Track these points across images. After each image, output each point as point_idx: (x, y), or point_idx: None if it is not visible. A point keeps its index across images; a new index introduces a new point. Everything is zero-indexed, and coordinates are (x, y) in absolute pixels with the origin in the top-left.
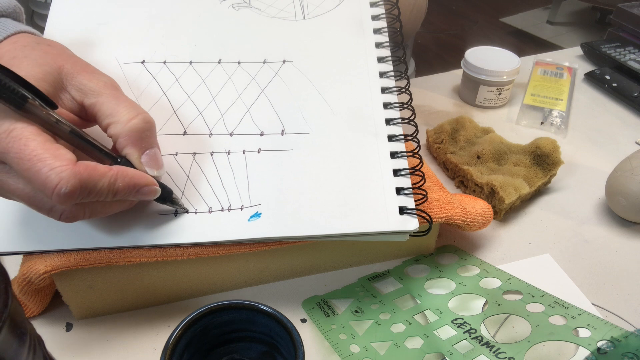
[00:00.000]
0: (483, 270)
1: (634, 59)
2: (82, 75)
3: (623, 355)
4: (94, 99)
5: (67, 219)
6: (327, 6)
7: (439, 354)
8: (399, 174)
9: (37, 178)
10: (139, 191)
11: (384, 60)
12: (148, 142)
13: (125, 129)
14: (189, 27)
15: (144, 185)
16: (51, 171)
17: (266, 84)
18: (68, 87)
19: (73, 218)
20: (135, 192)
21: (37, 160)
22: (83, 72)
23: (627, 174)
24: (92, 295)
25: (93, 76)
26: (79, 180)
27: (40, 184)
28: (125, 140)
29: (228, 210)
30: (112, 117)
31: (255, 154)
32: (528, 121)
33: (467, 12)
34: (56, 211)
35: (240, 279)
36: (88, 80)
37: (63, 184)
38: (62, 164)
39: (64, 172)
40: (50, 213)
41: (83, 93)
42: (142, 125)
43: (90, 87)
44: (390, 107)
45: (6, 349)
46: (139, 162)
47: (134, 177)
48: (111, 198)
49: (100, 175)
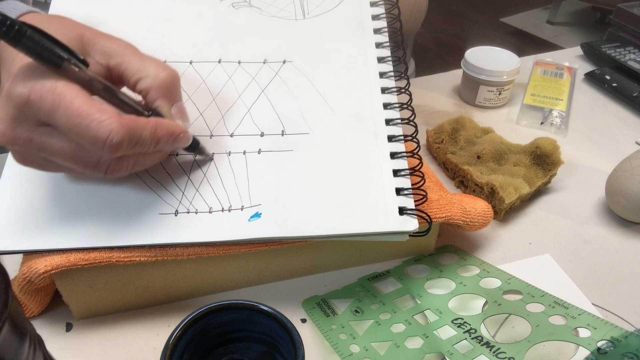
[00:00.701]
0: (483, 270)
1: (634, 59)
2: (103, 39)
3: (623, 355)
4: (119, 59)
5: (113, 172)
6: (327, 6)
7: (439, 354)
8: (399, 175)
9: (88, 132)
10: (175, 139)
11: (384, 60)
12: (176, 95)
13: (155, 83)
14: (189, 26)
15: (179, 133)
16: (101, 124)
17: (266, 84)
18: (91, 52)
19: (118, 170)
20: (173, 141)
21: (86, 115)
22: (103, 37)
23: (627, 174)
24: (92, 295)
25: (114, 39)
26: (127, 130)
27: (91, 137)
28: (156, 93)
29: (228, 211)
30: (140, 73)
31: (255, 154)
32: (528, 121)
33: (467, 12)
34: (102, 164)
35: (240, 279)
36: (110, 43)
37: (114, 135)
38: (109, 117)
39: (112, 124)
40: (97, 167)
41: (107, 55)
42: (171, 78)
43: (114, 49)
44: (390, 107)
45: (6, 349)
46: (169, 114)
47: (170, 125)
48: (153, 148)
49: (143, 125)
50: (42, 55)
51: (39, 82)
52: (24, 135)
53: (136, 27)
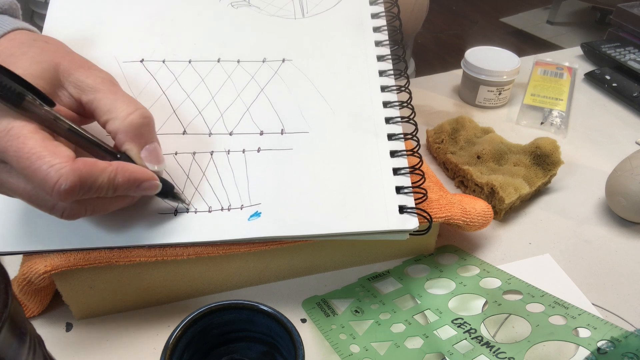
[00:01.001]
0: (483, 270)
1: (634, 59)
2: (79, 71)
3: (623, 355)
4: (92, 96)
5: (69, 217)
6: (326, 4)
7: (439, 354)
8: (399, 173)
9: (37, 176)
10: (139, 186)
11: (383, 58)
12: (147, 137)
13: (123, 125)
14: (188, 25)
15: (144, 180)
16: (50, 168)
17: (266, 82)
18: (65, 84)
19: (74, 215)
20: (136, 188)
21: (36, 158)
22: (80, 69)
23: (627, 174)
24: (92, 295)
25: (90, 72)
26: (78, 177)
27: (39, 181)
28: (124, 136)
29: (228, 210)
30: (110, 114)
31: (255, 153)
32: (528, 121)
33: (467, 12)
34: (58, 209)
35: (240, 279)
36: (85, 76)
37: (62, 181)
38: (61, 161)
39: (63, 168)
40: (52, 211)
41: (80, 90)
42: (141, 120)
43: (88, 84)
44: (390, 105)
45: (6, 349)
46: (138, 158)
47: (134, 172)
48: (112, 194)
49: (100, 171)
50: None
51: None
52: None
53: (135, 27)
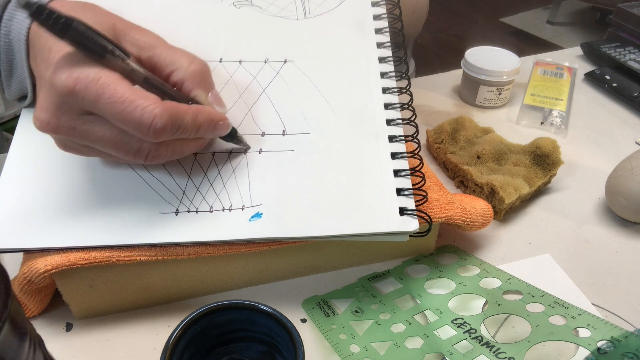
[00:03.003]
0: (483, 270)
1: (634, 59)
2: (134, 31)
3: (623, 355)
4: (151, 52)
5: (153, 158)
6: (328, 5)
7: (439, 354)
8: (400, 175)
9: (132, 118)
10: (215, 126)
11: (385, 60)
12: (210, 83)
13: (188, 73)
14: (190, 25)
15: (219, 120)
16: (144, 109)
17: (267, 83)
18: (123, 43)
19: (158, 157)
20: (213, 128)
21: (130, 102)
22: (134, 29)
23: (627, 174)
24: (92, 294)
25: (144, 32)
26: (169, 115)
27: (136, 123)
28: (191, 83)
29: (229, 210)
30: (173, 65)
31: (256, 154)
32: (528, 121)
33: (467, 12)
34: (143, 151)
35: (240, 279)
36: (140, 35)
37: (158, 120)
38: (152, 103)
39: (156, 109)
40: (137, 154)
41: (139, 47)
42: (203, 67)
43: (145, 41)
44: (391, 107)
45: (6, 349)
46: (207, 101)
47: (211, 112)
48: (194, 134)
49: (185, 111)
50: (87, 46)
51: (83, 72)
52: (68, 123)
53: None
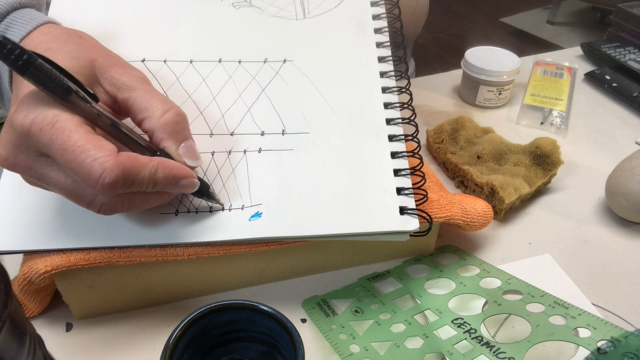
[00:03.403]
0: (483, 270)
1: (634, 59)
2: (115, 69)
3: (623, 355)
4: (127, 94)
5: (107, 212)
6: (327, 5)
7: (439, 354)
8: (400, 174)
9: (81, 169)
10: (177, 183)
11: (384, 60)
12: (183, 134)
13: (160, 122)
14: (190, 25)
15: (183, 177)
16: (95, 161)
17: (267, 83)
18: (101, 80)
19: (112, 210)
20: (175, 184)
21: (81, 151)
22: (115, 66)
23: (627, 174)
24: (92, 295)
25: (125, 70)
26: (121, 170)
27: (84, 174)
28: (162, 134)
29: (229, 210)
30: (146, 112)
31: (256, 153)
32: (528, 121)
33: (467, 12)
34: (96, 203)
35: (240, 279)
36: (120, 74)
37: (107, 174)
38: (104, 155)
39: (107, 162)
40: (90, 205)
41: (116, 87)
42: (177, 118)
43: (123, 82)
44: (391, 107)
45: (6, 349)
46: (177, 154)
47: (174, 168)
48: (152, 189)
49: (142, 166)
50: (48, 87)
51: (41, 114)
52: (25, 163)
53: (137, 27)
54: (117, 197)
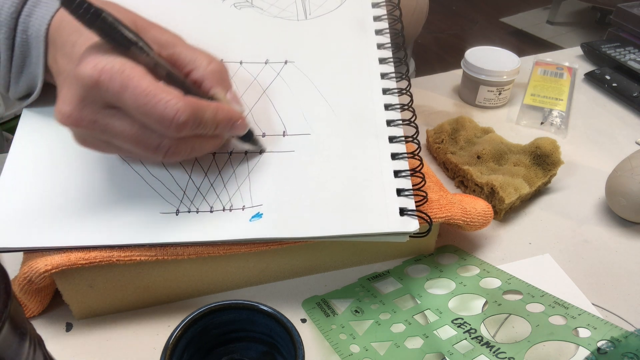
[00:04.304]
0: (483, 270)
1: (634, 59)
2: (155, 29)
3: (623, 355)
4: (172, 50)
5: (173, 155)
6: (329, 6)
7: (439, 354)
8: (400, 175)
9: (155, 110)
10: (233, 125)
11: (385, 61)
12: (228, 82)
13: (207, 71)
14: (191, 26)
15: (238, 118)
16: (167, 103)
17: (268, 84)
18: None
19: (177, 154)
20: (231, 126)
21: (153, 95)
22: (154, 27)
23: (627, 174)
24: (92, 294)
25: (164, 30)
26: (192, 110)
27: (158, 115)
28: (211, 81)
29: (230, 210)
30: (193, 63)
31: (257, 154)
32: (528, 121)
33: (467, 12)
34: (163, 147)
35: (240, 279)
36: (161, 34)
37: (180, 114)
38: (175, 97)
39: (178, 103)
40: (157, 150)
41: (160, 45)
42: (221, 67)
43: (166, 39)
44: (391, 108)
45: (6, 349)
46: (226, 100)
47: (230, 110)
48: (213, 130)
49: (206, 107)
50: (113, 37)
51: (108, 63)
52: (89, 117)
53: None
54: (181, 140)
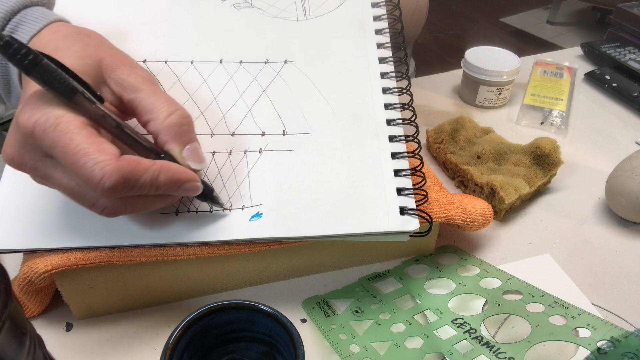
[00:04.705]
0: (483, 270)
1: (634, 59)
2: (122, 69)
3: (623, 355)
4: (133, 95)
5: (109, 214)
6: (329, 6)
7: (439, 354)
8: (400, 175)
9: (82, 172)
10: (181, 187)
11: (385, 61)
12: (188, 136)
13: (164, 125)
14: (191, 26)
15: (186, 180)
16: (95, 165)
17: (267, 84)
18: (108, 80)
19: (115, 213)
20: (178, 188)
21: (82, 154)
22: (122, 66)
23: (627, 174)
24: (92, 295)
25: (132, 70)
26: (122, 175)
27: (84, 177)
28: (166, 136)
29: (229, 210)
30: (152, 114)
31: (256, 154)
32: (528, 121)
33: (467, 12)
34: (99, 206)
35: (240, 279)
36: (127, 75)
37: (107, 178)
38: (105, 158)
39: (107, 166)
40: (93, 207)
41: (122, 88)
42: (182, 120)
43: (130, 82)
44: (391, 107)
45: (6, 349)
46: (181, 157)
47: (177, 172)
48: (154, 192)
49: (143, 170)
50: (54, 87)
51: (44, 115)
52: (30, 163)
53: (138, 27)
54: (120, 199)
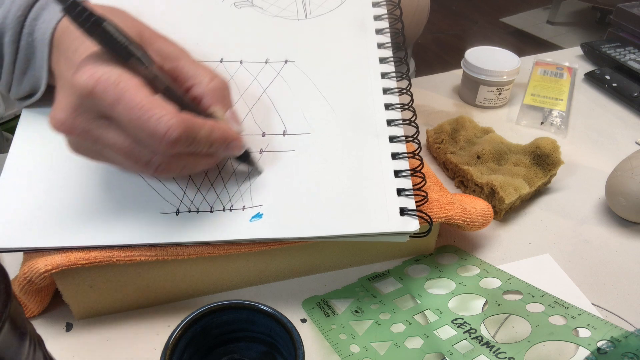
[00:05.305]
0: (483, 270)
1: (634, 59)
2: (160, 41)
3: (623, 355)
4: (175, 63)
5: (163, 171)
6: (329, 6)
7: (439, 354)
8: (400, 175)
9: (147, 126)
10: (228, 145)
11: (385, 61)
12: (229, 101)
13: (208, 88)
14: (191, 25)
15: (233, 138)
16: (160, 119)
17: (268, 83)
18: (148, 51)
19: (168, 170)
20: (226, 146)
21: (147, 109)
22: (160, 39)
23: (627, 174)
24: (92, 294)
25: (169, 43)
26: (185, 127)
27: (150, 131)
28: (211, 99)
29: (230, 210)
30: (194, 79)
31: (256, 154)
32: (528, 121)
33: (467, 12)
34: (153, 163)
35: (240, 279)
36: (166, 45)
37: (172, 131)
38: (168, 113)
39: (171, 119)
40: (147, 165)
41: (163, 57)
42: (223, 85)
43: (170, 52)
44: (392, 108)
45: (6, 349)
46: (224, 119)
47: (226, 130)
48: (207, 149)
49: (200, 125)
50: (113, 48)
51: (105, 73)
52: (82, 126)
53: None
54: (173, 157)
